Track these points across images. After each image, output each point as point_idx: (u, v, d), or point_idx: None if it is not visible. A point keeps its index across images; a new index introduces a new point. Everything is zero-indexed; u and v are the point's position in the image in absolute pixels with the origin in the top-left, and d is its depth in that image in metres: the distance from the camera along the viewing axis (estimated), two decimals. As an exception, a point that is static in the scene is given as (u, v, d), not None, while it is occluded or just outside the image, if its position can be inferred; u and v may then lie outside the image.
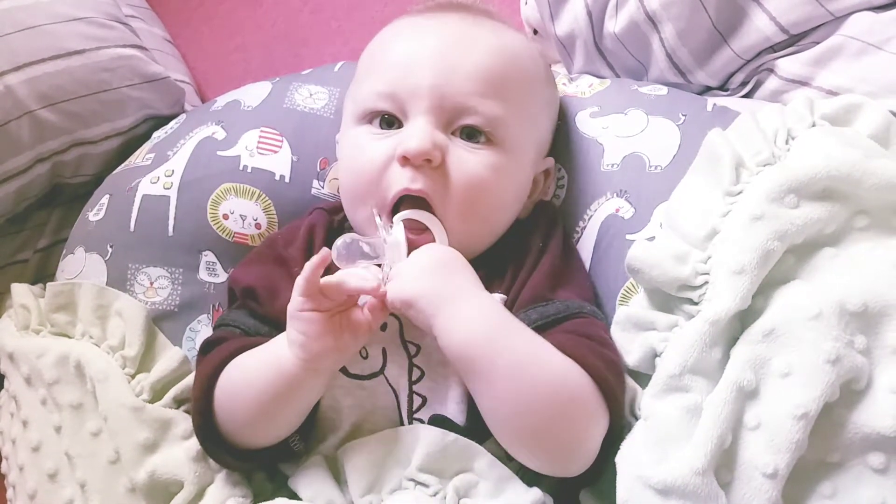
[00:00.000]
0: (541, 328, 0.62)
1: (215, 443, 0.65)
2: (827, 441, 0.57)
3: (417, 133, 0.64)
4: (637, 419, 0.62)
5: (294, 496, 0.63)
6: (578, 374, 0.59)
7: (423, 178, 0.64)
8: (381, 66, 0.69)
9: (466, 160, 0.65)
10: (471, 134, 0.66)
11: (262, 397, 0.62)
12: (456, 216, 0.66)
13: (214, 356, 0.66)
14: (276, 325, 0.67)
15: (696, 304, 0.61)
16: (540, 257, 0.68)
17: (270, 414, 0.63)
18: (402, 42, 0.69)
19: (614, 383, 0.60)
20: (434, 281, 0.60)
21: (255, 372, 0.62)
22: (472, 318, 0.59)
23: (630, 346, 0.64)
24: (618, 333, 0.65)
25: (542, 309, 0.64)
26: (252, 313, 0.70)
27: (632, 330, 0.64)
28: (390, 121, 0.67)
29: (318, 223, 0.73)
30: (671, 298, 0.63)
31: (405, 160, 0.64)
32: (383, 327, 0.65)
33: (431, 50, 0.66)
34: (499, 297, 0.66)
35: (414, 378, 0.64)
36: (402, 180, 0.64)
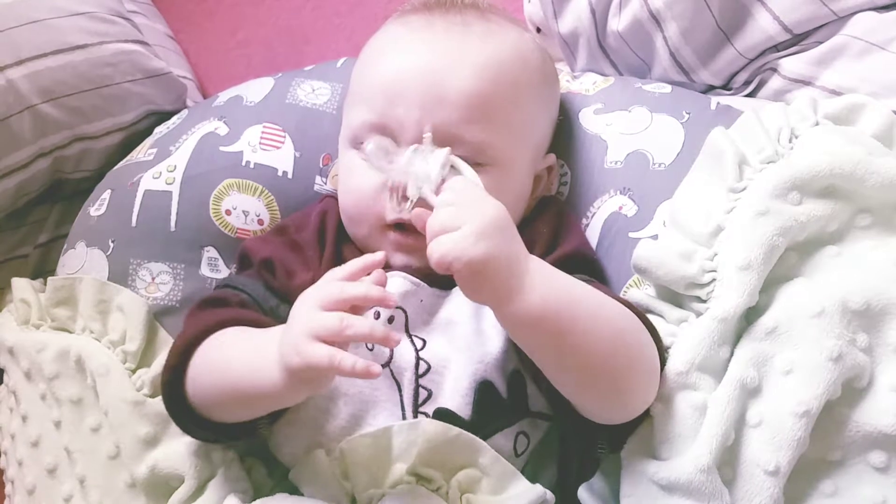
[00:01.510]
0: None
1: (179, 404, 0.63)
2: (828, 439, 0.57)
3: None
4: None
5: (295, 490, 0.63)
6: (626, 309, 0.60)
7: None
8: (369, 90, 0.69)
9: None
10: None
11: (234, 392, 0.60)
12: None
13: (206, 317, 0.64)
14: (287, 300, 0.66)
15: (704, 301, 0.61)
16: (553, 247, 0.69)
17: (239, 405, 0.61)
18: (388, 62, 0.69)
19: (648, 319, 0.61)
20: (500, 245, 0.55)
21: (235, 364, 0.60)
22: (546, 276, 0.56)
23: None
24: None
25: None
26: (265, 285, 0.69)
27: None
28: None
29: (329, 209, 0.74)
30: (679, 296, 0.63)
31: (395, 191, 0.65)
32: (390, 320, 0.65)
33: (416, 74, 0.66)
34: None
35: (420, 371, 0.64)
36: (396, 209, 0.66)
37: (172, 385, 0.63)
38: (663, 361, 0.60)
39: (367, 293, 0.55)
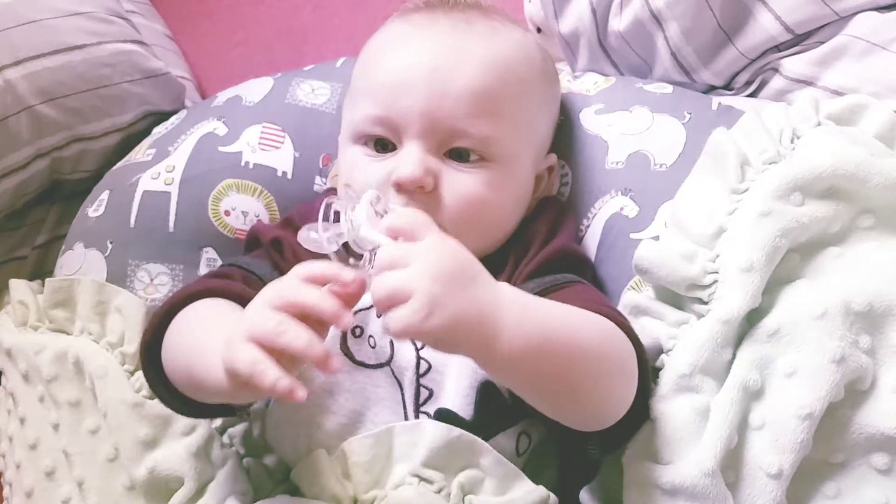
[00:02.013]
0: (539, 295, 0.62)
1: (156, 371, 0.60)
2: (831, 441, 0.57)
3: (410, 160, 0.65)
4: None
5: (296, 491, 0.63)
6: (604, 320, 0.57)
7: (418, 204, 0.66)
8: (373, 85, 0.69)
9: (460, 181, 0.66)
10: (463, 154, 0.67)
11: (189, 374, 0.55)
12: (457, 233, 0.66)
13: (196, 284, 0.62)
14: None
15: (705, 303, 0.61)
16: (546, 243, 0.69)
17: (196, 389, 0.57)
18: (393, 58, 0.69)
19: (629, 325, 0.59)
20: (460, 303, 0.48)
21: (194, 341, 0.56)
22: (520, 310, 0.51)
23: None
24: None
25: (538, 280, 0.65)
26: (273, 264, 0.69)
27: (638, 315, 0.64)
28: (384, 143, 0.68)
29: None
30: (680, 298, 0.63)
31: (400, 186, 0.66)
32: None
33: (421, 69, 0.66)
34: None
35: (421, 371, 0.64)
36: (398, 204, 0.66)
37: (150, 349, 0.60)
38: (643, 363, 0.59)
39: (317, 303, 0.48)
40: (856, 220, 0.63)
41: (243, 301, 0.59)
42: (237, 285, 0.64)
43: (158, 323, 0.60)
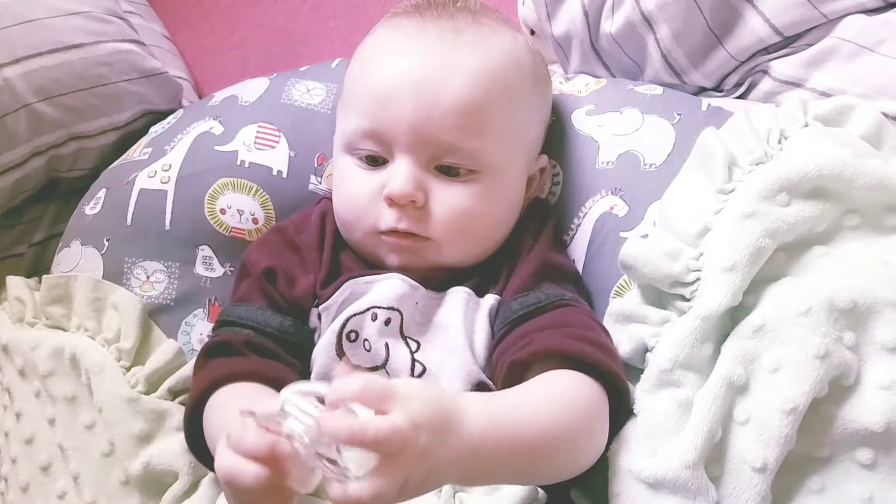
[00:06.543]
0: (523, 318, 0.64)
1: (201, 451, 0.63)
2: (815, 436, 0.57)
3: (401, 175, 0.66)
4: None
5: (290, 488, 0.63)
6: (579, 382, 0.58)
7: (409, 218, 0.66)
8: (363, 95, 0.69)
9: (451, 195, 0.67)
10: (453, 169, 0.67)
11: None
12: (448, 243, 0.68)
13: (210, 371, 0.63)
14: (291, 311, 0.67)
15: (687, 300, 0.62)
16: (528, 254, 0.69)
17: None
18: (381, 68, 0.69)
19: (608, 362, 0.59)
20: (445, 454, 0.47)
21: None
22: (484, 433, 0.50)
23: (621, 338, 0.64)
24: (610, 325, 0.65)
25: (522, 299, 0.65)
26: (269, 300, 0.68)
27: (624, 322, 0.64)
28: (375, 157, 0.69)
29: (329, 211, 0.74)
30: (663, 295, 0.64)
31: (391, 201, 0.66)
32: (386, 322, 0.66)
33: (409, 81, 0.66)
34: (492, 299, 0.67)
35: (416, 374, 0.64)
36: (390, 219, 0.67)
37: (191, 433, 0.63)
38: (618, 391, 0.59)
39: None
40: (841, 219, 0.63)
41: (256, 376, 0.62)
42: (248, 366, 0.63)
43: (192, 413, 0.62)
